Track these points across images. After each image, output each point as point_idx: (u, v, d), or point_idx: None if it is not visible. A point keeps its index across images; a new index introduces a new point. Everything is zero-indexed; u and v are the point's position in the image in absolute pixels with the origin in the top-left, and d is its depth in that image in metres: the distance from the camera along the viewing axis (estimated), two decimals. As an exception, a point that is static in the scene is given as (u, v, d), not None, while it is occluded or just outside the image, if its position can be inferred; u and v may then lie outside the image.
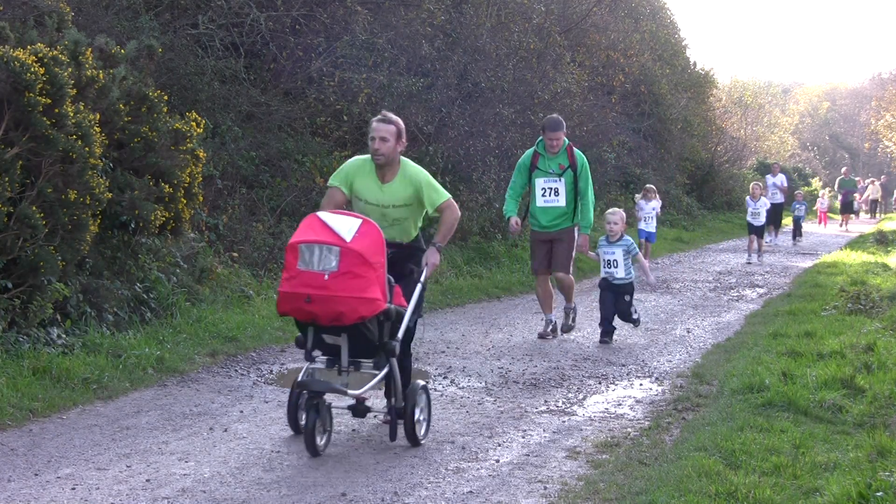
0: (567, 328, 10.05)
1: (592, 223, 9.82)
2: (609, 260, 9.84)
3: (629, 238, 9.90)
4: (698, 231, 25.21)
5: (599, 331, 9.93)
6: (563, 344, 9.68)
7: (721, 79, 37.55)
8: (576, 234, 9.76)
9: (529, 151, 9.90)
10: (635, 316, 10.11)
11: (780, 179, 23.45)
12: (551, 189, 9.64)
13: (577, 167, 9.66)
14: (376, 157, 6.22)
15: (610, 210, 10.13)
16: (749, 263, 18.11)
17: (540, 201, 9.72)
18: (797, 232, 24.20)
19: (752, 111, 38.24)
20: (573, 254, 9.86)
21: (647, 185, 17.87)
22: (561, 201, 9.65)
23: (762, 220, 18.77)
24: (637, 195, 17.47)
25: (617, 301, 9.83)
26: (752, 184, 20.53)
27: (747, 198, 19.41)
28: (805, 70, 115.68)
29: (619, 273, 9.79)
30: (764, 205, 18.92)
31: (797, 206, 24.48)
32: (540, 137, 9.84)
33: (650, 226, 16.93)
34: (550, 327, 9.95)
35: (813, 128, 64.34)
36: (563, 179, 9.64)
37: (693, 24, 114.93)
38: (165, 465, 5.44)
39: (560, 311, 10.18)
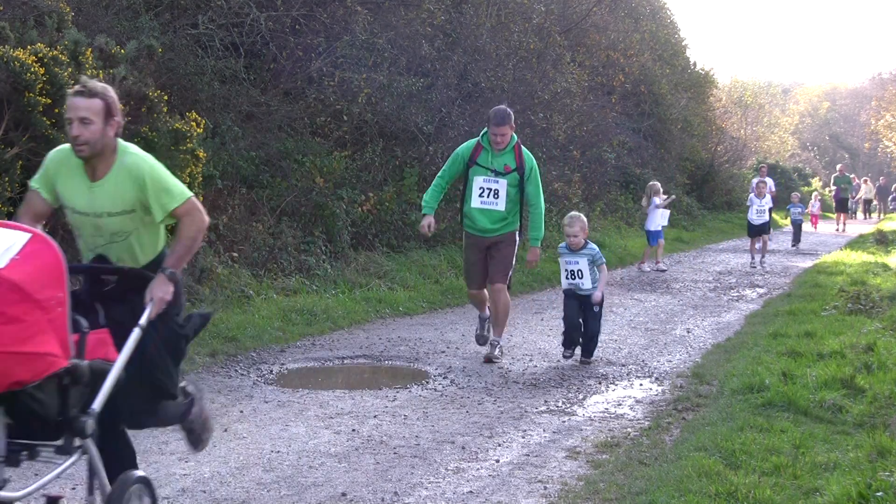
0: (494, 358, 8.61)
1: (543, 235, 8.67)
2: (573, 270, 8.69)
3: (594, 246, 8.77)
4: (698, 231, 25.22)
5: (561, 341, 8.80)
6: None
7: (721, 79, 37.57)
8: (517, 240, 8.65)
9: (471, 142, 8.63)
10: (596, 343, 8.85)
11: (769, 184, 21.99)
12: (490, 190, 8.43)
13: (524, 170, 8.44)
14: (77, 148, 4.40)
15: (567, 218, 8.82)
16: (754, 267, 17.40)
17: (476, 201, 8.51)
18: (797, 237, 22.87)
19: (752, 111, 38.24)
20: (514, 262, 8.68)
21: (651, 183, 17.40)
22: (500, 205, 8.43)
23: (766, 217, 18.10)
24: (656, 198, 16.77)
25: (585, 310, 8.68)
26: (756, 179, 19.81)
27: (751, 195, 18.71)
28: (805, 70, 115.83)
29: (586, 284, 8.64)
30: (769, 203, 18.38)
31: (794, 208, 23.10)
32: (485, 129, 8.58)
33: (655, 224, 16.59)
34: (487, 324, 8.91)
35: (813, 128, 64.36)
36: (505, 181, 8.43)
37: (693, 24, 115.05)
38: (165, 465, 5.44)
39: (486, 326, 8.94)
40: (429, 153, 14.86)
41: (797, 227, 22.99)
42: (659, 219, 16.65)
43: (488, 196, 8.46)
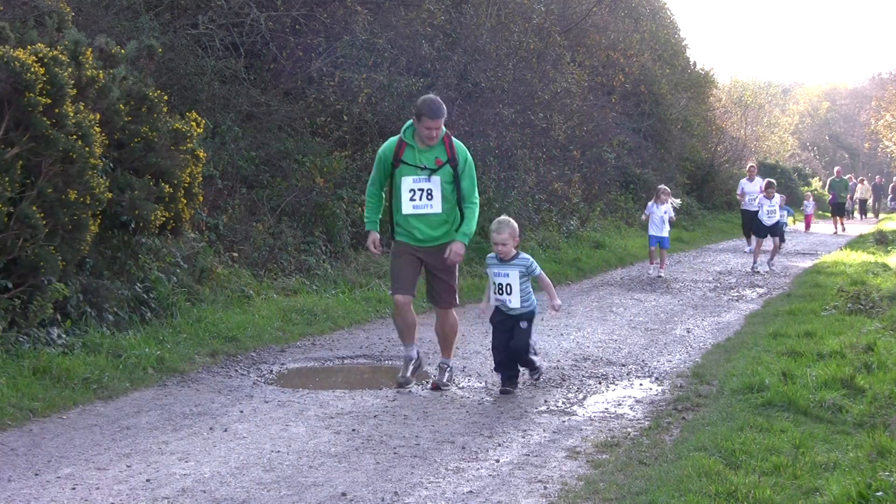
0: (442, 385, 7.56)
1: (473, 233, 7.53)
2: (501, 284, 7.42)
3: (527, 256, 7.56)
4: (698, 231, 25.22)
5: (500, 378, 7.62)
6: (562, 343, 9.68)
7: (721, 79, 37.62)
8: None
9: (392, 140, 7.49)
10: (535, 358, 7.77)
11: (759, 185, 20.52)
12: (422, 191, 7.31)
13: (457, 162, 7.36)
14: None
15: (495, 223, 7.50)
16: (756, 273, 16.60)
17: (407, 206, 7.31)
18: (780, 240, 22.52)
19: (752, 111, 38.28)
20: (457, 276, 7.63)
21: (661, 187, 16.46)
22: (436, 206, 7.31)
23: (776, 218, 17.54)
24: (650, 203, 16.14)
25: (513, 330, 7.47)
26: (765, 181, 18.90)
27: (760, 196, 18.09)
28: (805, 70, 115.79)
29: (514, 302, 7.38)
30: (779, 203, 17.81)
31: (780, 211, 22.04)
32: (408, 123, 7.45)
33: (662, 231, 15.74)
34: (411, 367, 7.61)
35: (813, 128, 64.36)
36: (437, 178, 7.31)
37: (693, 24, 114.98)
38: (165, 465, 5.44)
39: (410, 367, 7.71)
40: (429, 153, 14.84)
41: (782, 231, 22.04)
42: (654, 227, 15.88)
43: (421, 198, 7.32)
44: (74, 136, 7.52)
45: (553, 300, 7.60)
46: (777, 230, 17.68)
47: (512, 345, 7.41)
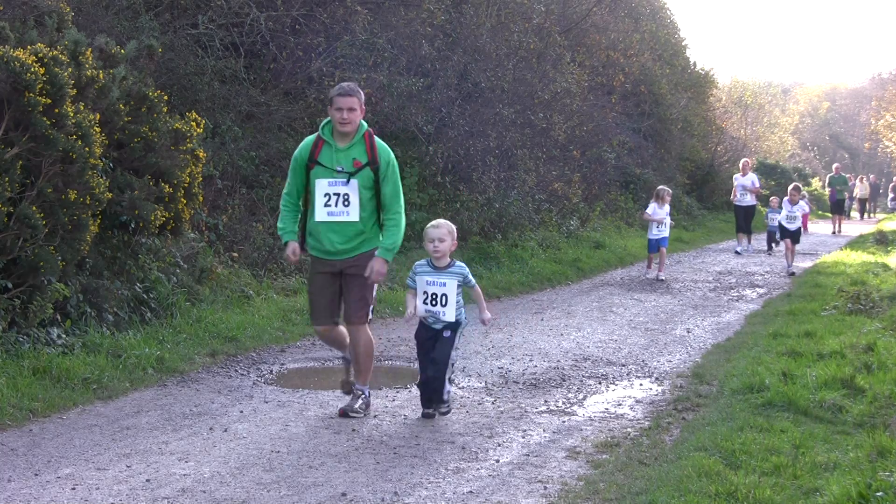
0: (351, 411, 6.66)
1: (399, 246, 6.75)
2: (435, 294, 6.56)
3: (461, 264, 6.75)
4: (698, 231, 25.21)
5: (420, 396, 6.76)
6: (562, 343, 9.68)
7: (721, 79, 37.56)
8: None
9: (309, 139, 6.74)
10: (447, 390, 6.69)
11: (751, 179, 20.42)
12: (338, 196, 6.54)
13: (378, 165, 6.58)
14: None
15: (433, 223, 6.80)
16: (793, 275, 16.09)
17: (321, 213, 6.55)
18: (772, 245, 20.97)
19: (752, 111, 38.27)
20: (374, 293, 6.84)
21: (664, 188, 15.98)
22: (353, 214, 6.54)
23: (798, 223, 17.12)
24: (653, 204, 15.52)
25: (437, 340, 6.64)
26: (791, 186, 18.24)
27: (784, 199, 17.57)
28: (805, 70, 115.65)
29: (448, 315, 6.55)
30: (801, 208, 17.31)
31: (771, 214, 20.82)
32: (326, 120, 6.69)
33: (663, 231, 15.37)
34: (360, 400, 6.78)
35: (813, 128, 64.36)
36: (356, 182, 6.53)
37: (693, 24, 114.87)
38: (165, 465, 5.44)
39: (348, 370, 7.03)
40: (429, 153, 14.86)
41: (771, 234, 20.81)
42: (656, 228, 15.46)
43: (336, 204, 6.54)
44: (74, 136, 7.52)
45: (482, 313, 6.76)
46: (798, 234, 17.25)
47: (435, 357, 6.56)
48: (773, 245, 20.83)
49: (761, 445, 5.84)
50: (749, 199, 20.30)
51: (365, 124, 6.64)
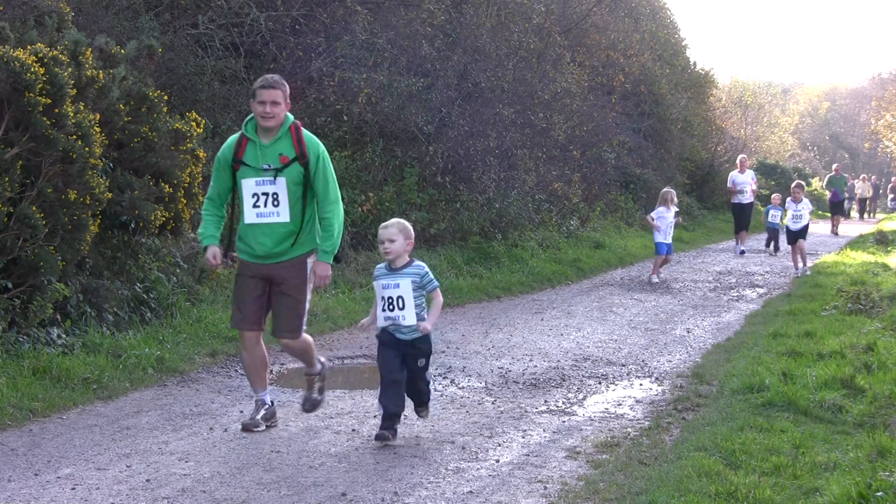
0: (312, 403, 6.53)
1: (338, 245, 6.24)
2: (391, 298, 6.04)
3: (421, 264, 6.17)
4: (698, 231, 25.20)
5: (381, 414, 6.11)
6: (562, 343, 9.68)
7: (721, 79, 37.56)
8: (310, 266, 6.23)
9: (233, 138, 6.30)
10: (430, 393, 6.37)
11: (750, 176, 20.05)
12: (266, 196, 6.11)
13: (308, 159, 6.11)
14: None
15: (384, 224, 6.23)
16: (798, 276, 15.61)
17: (250, 215, 6.15)
18: (770, 243, 20.49)
19: (752, 111, 38.25)
20: (308, 301, 6.29)
21: (670, 190, 15.57)
22: (283, 215, 6.11)
23: (804, 222, 16.29)
24: (661, 208, 15.05)
25: (406, 364, 6.11)
26: (793, 184, 17.52)
27: (788, 199, 16.95)
28: (805, 70, 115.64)
29: (408, 318, 6.00)
30: (807, 206, 16.51)
31: (772, 210, 20.05)
32: (249, 116, 6.23)
33: (669, 236, 14.98)
34: (262, 412, 6.32)
35: (813, 128, 64.37)
36: (283, 179, 6.09)
37: (693, 24, 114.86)
38: (165, 465, 5.44)
39: (262, 411, 6.38)
40: (429, 153, 14.86)
41: (773, 232, 20.28)
42: (662, 234, 14.99)
43: (266, 204, 6.13)
44: (74, 136, 7.52)
45: (428, 320, 6.07)
46: (804, 233, 16.36)
47: (415, 384, 6.17)
48: (774, 245, 20.38)
49: (761, 445, 5.84)
50: (748, 197, 19.88)
51: (291, 117, 6.19)
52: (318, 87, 13.90)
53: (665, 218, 14.95)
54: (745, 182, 19.75)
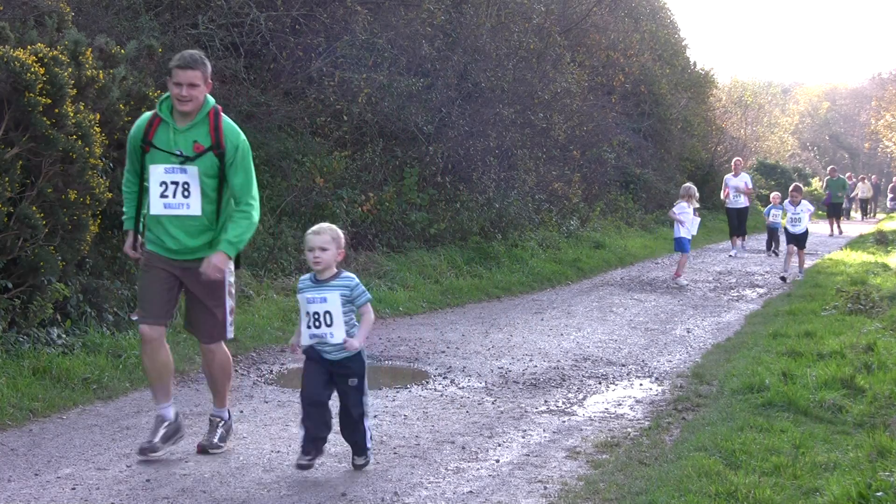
0: (211, 447, 5.74)
1: (246, 241, 5.61)
2: (317, 313, 5.33)
3: (350, 275, 5.47)
4: (698, 231, 25.16)
5: (301, 436, 5.44)
6: (562, 343, 9.68)
7: (721, 79, 37.54)
8: (229, 269, 5.64)
9: (146, 115, 5.66)
10: (368, 438, 5.49)
11: (744, 180, 19.43)
12: (176, 185, 5.48)
13: (224, 150, 5.51)
14: None
15: (314, 229, 5.47)
16: (784, 280, 15.33)
17: (157, 205, 5.49)
18: (770, 243, 20.07)
19: (752, 111, 38.25)
20: (231, 300, 5.69)
21: (689, 185, 15.22)
22: (194, 207, 5.48)
23: (803, 226, 15.71)
24: (682, 203, 14.67)
25: (337, 385, 5.44)
26: (791, 187, 16.84)
27: (786, 201, 16.41)
28: (805, 70, 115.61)
29: (336, 336, 5.31)
30: (806, 209, 15.84)
31: (773, 209, 19.41)
32: (165, 94, 5.61)
33: (695, 229, 14.69)
34: (161, 433, 5.61)
35: (813, 128, 64.36)
36: (196, 169, 5.48)
37: (693, 24, 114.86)
38: (165, 465, 5.44)
39: (162, 430, 5.69)
40: (429, 153, 14.86)
41: (772, 232, 19.85)
42: (684, 229, 14.70)
43: (175, 195, 5.48)
44: (74, 136, 7.52)
45: (357, 337, 5.35)
46: (804, 238, 15.87)
47: (350, 412, 5.40)
48: (775, 246, 20.01)
49: (761, 445, 5.84)
50: (742, 201, 19.34)
51: (211, 100, 5.57)
52: (318, 87, 13.90)
53: (687, 213, 14.65)
54: (735, 185, 19.26)
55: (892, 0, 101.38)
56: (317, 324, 5.32)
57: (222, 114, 5.58)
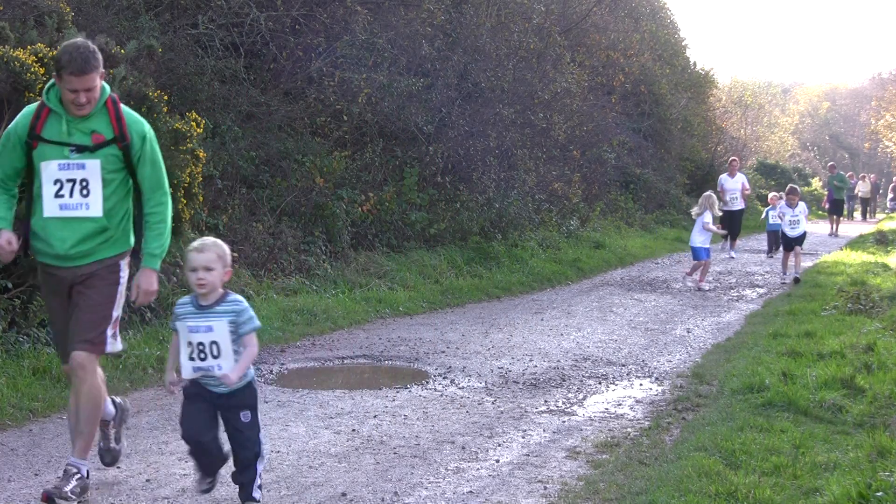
0: (112, 456, 5.35)
1: (167, 248, 5.07)
2: (201, 344, 4.61)
3: (238, 298, 4.76)
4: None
5: (196, 477, 4.90)
6: (562, 343, 9.68)
7: (721, 79, 37.56)
8: (124, 271, 5.01)
9: (30, 107, 4.99)
10: (258, 477, 4.74)
11: (741, 181, 19.00)
12: (73, 182, 4.83)
13: (130, 142, 4.90)
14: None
15: (196, 245, 4.72)
16: (784, 282, 15.08)
17: (51, 206, 4.87)
18: (773, 245, 19.41)
19: (752, 111, 38.26)
20: (118, 310, 4.97)
21: (709, 193, 14.89)
22: (93, 208, 4.84)
23: (801, 229, 15.20)
24: (709, 213, 14.36)
25: (227, 422, 4.72)
26: (786, 189, 16.12)
27: (782, 203, 15.94)
28: (805, 70, 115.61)
29: (225, 367, 4.59)
30: (803, 211, 15.40)
31: (772, 211, 18.86)
32: (50, 82, 4.93)
33: (708, 240, 14.36)
34: (74, 482, 4.77)
35: (813, 128, 64.38)
36: (97, 161, 4.84)
37: (693, 24, 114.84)
38: (165, 465, 5.44)
39: (113, 432, 5.38)
40: (429, 153, 14.86)
41: (773, 235, 19.21)
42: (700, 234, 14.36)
43: (72, 194, 4.83)
44: (74, 136, 7.50)
45: (235, 370, 4.59)
46: (801, 240, 15.36)
47: (241, 450, 4.69)
48: (775, 247, 19.38)
49: (761, 445, 5.84)
50: (739, 204, 18.85)
51: (108, 89, 4.94)
52: (318, 87, 13.90)
53: (704, 220, 14.35)
54: (734, 189, 18.77)
55: (892, 0, 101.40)
56: (202, 356, 4.59)
57: (120, 102, 4.99)
